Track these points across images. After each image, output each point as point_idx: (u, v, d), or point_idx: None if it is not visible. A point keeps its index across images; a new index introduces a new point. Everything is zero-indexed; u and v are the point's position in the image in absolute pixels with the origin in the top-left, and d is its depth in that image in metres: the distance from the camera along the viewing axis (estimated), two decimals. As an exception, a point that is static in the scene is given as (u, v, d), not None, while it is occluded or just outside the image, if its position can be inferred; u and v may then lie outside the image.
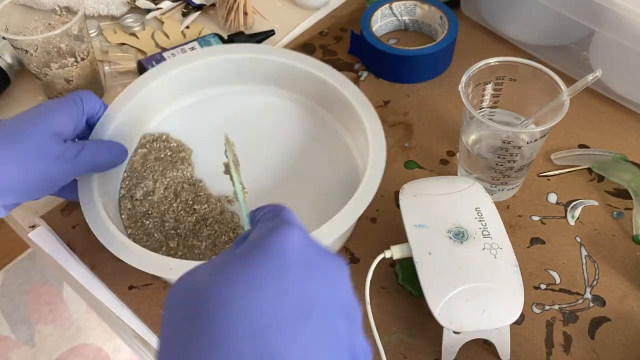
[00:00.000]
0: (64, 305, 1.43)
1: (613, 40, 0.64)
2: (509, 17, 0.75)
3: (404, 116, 0.69)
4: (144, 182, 0.59)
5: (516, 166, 0.57)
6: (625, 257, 0.57)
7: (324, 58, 0.76)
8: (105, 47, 0.77)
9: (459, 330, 0.46)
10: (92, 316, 1.40)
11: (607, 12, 0.61)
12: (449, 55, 0.74)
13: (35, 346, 1.38)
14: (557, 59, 0.72)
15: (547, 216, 0.60)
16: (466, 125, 0.57)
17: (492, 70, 0.57)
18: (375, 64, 0.73)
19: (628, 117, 0.68)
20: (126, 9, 0.81)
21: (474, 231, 0.50)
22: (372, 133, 0.57)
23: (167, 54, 0.72)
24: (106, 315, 0.58)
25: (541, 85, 0.56)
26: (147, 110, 0.63)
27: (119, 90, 0.73)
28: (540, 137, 0.54)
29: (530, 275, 0.56)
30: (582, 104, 0.69)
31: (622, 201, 0.61)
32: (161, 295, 0.56)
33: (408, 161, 0.65)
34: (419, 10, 0.77)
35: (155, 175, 0.60)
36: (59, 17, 0.67)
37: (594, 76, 0.52)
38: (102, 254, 0.58)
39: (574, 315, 0.53)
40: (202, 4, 0.81)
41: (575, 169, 0.64)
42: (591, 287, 0.55)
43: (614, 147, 0.65)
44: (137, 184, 0.59)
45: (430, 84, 0.73)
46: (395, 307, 0.54)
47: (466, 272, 0.47)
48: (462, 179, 0.55)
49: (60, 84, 0.67)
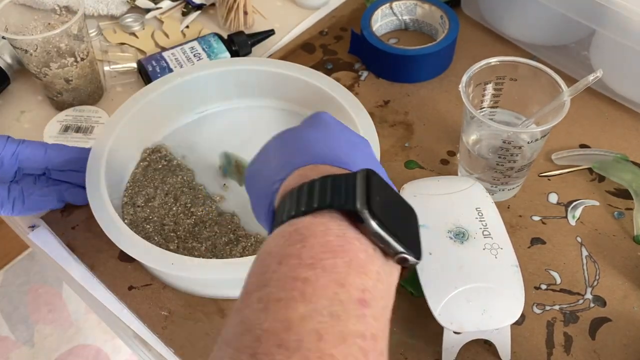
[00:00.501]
0: (63, 305, 1.43)
1: (614, 40, 0.64)
2: (510, 17, 0.75)
3: (404, 116, 0.69)
4: (145, 189, 0.61)
5: (517, 166, 0.56)
6: (626, 258, 0.57)
7: (324, 58, 0.76)
8: (105, 47, 0.77)
9: (460, 330, 0.46)
10: (91, 316, 1.40)
11: (608, 12, 0.61)
12: (449, 54, 0.74)
13: (35, 346, 1.38)
14: (557, 59, 0.72)
15: (547, 216, 0.60)
16: (467, 125, 0.57)
17: (492, 69, 0.57)
18: (375, 63, 0.73)
19: (629, 116, 0.68)
20: (126, 9, 0.81)
21: (474, 231, 0.50)
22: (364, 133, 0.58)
23: (166, 54, 0.72)
24: (106, 316, 0.58)
25: (542, 85, 0.56)
26: (147, 125, 0.64)
27: (118, 90, 0.73)
28: (541, 137, 0.54)
29: (530, 275, 0.56)
30: (583, 104, 0.69)
31: (623, 201, 0.61)
32: (161, 295, 0.56)
33: (408, 161, 0.65)
34: (419, 9, 0.77)
35: (155, 183, 0.62)
36: (59, 17, 0.67)
37: (594, 76, 0.52)
38: (102, 254, 0.58)
39: (575, 316, 0.53)
40: (202, 4, 0.81)
41: (576, 169, 0.64)
42: (592, 287, 0.55)
43: (614, 147, 0.65)
44: (139, 192, 0.61)
45: (431, 83, 0.73)
46: (395, 307, 0.54)
47: (466, 273, 0.47)
48: (462, 179, 0.55)
49: (59, 84, 0.67)
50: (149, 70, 0.70)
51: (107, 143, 0.58)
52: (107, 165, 0.56)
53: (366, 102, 0.63)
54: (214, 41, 0.73)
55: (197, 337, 0.53)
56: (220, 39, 0.74)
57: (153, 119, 0.65)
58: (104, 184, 0.54)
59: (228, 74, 0.66)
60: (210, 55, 0.72)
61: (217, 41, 0.73)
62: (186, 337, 0.53)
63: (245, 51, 0.75)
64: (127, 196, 0.61)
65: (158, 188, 0.61)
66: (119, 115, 0.61)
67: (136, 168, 0.63)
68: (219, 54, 0.72)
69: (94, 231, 0.60)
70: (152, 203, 0.60)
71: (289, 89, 0.66)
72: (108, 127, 0.59)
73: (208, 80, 0.65)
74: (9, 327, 1.40)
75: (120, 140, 0.59)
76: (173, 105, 0.66)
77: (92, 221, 0.60)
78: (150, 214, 0.59)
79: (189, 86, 0.65)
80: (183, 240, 0.57)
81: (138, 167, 0.63)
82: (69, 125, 0.67)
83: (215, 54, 0.72)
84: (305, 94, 0.65)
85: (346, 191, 0.31)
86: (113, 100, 0.72)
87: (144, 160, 0.64)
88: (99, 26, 0.79)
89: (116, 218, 0.52)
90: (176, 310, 0.55)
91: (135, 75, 0.74)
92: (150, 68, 0.70)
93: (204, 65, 0.65)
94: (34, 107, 0.71)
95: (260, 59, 0.72)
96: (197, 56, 0.72)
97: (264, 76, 0.66)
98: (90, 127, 0.67)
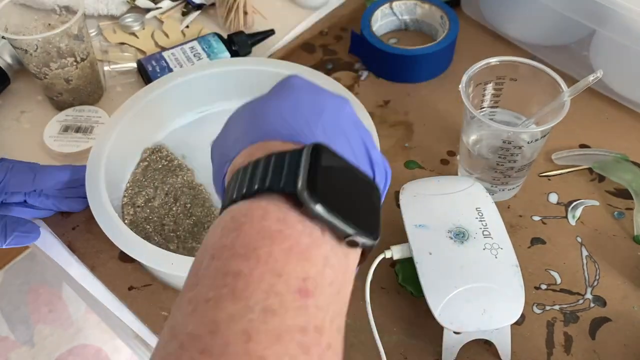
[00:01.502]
0: (63, 305, 1.43)
1: (614, 40, 0.64)
2: (510, 17, 0.75)
3: (404, 116, 0.69)
4: (145, 190, 0.61)
5: (517, 166, 0.56)
6: (626, 257, 0.57)
7: (324, 58, 0.76)
8: (105, 47, 0.77)
9: (460, 330, 0.46)
10: (91, 316, 1.40)
11: (608, 12, 0.61)
12: (449, 54, 0.74)
13: (35, 346, 1.38)
14: (557, 59, 0.72)
15: (547, 216, 0.60)
16: (467, 125, 0.57)
17: (492, 69, 0.57)
18: (375, 63, 0.73)
19: (629, 116, 0.68)
20: (126, 9, 0.81)
21: (474, 231, 0.50)
22: None
23: (166, 54, 0.72)
24: (106, 316, 0.58)
25: (542, 85, 0.56)
26: (147, 125, 0.64)
27: (118, 90, 0.73)
28: (541, 137, 0.54)
29: (530, 275, 0.56)
30: (583, 104, 0.69)
31: (623, 201, 0.61)
32: (161, 295, 0.56)
33: (408, 161, 0.65)
34: (419, 9, 0.77)
35: (155, 183, 0.62)
36: (59, 17, 0.67)
37: (595, 76, 0.52)
38: (102, 255, 0.58)
39: (575, 316, 0.53)
40: (202, 4, 0.81)
41: (576, 168, 0.64)
42: (592, 287, 0.55)
43: (614, 147, 0.65)
44: (139, 192, 0.61)
45: (431, 83, 0.73)
46: (395, 307, 0.54)
47: (467, 272, 0.47)
48: (462, 179, 0.55)
49: (60, 84, 0.67)
50: (148, 70, 0.70)
51: (107, 144, 0.58)
52: (106, 166, 0.56)
53: (366, 102, 0.63)
54: (214, 41, 0.73)
55: (197, 337, 0.53)
56: (220, 38, 0.74)
57: (153, 119, 0.65)
58: (104, 186, 0.54)
59: (228, 74, 0.66)
60: (210, 55, 0.72)
61: (217, 41, 0.73)
62: (186, 337, 0.53)
63: (245, 51, 0.75)
64: (127, 196, 0.60)
65: (158, 188, 0.61)
66: (118, 115, 0.61)
67: (136, 168, 0.63)
68: (219, 54, 0.72)
69: (94, 232, 0.60)
70: (152, 203, 0.60)
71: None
72: (108, 128, 0.59)
73: (208, 80, 0.65)
74: (9, 327, 1.40)
75: (120, 140, 0.59)
76: (173, 105, 0.66)
77: (92, 222, 0.60)
78: (150, 214, 0.59)
79: (188, 86, 0.65)
80: (183, 240, 0.57)
81: (138, 167, 0.63)
82: (69, 126, 0.67)
83: (215, 53, 0.72)
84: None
85: (288, 171, 0.29)
86: (113, 100, 0.72)
87: (144, 161, 0.64)
88: (99, 26, 0.79)
89: (116, 219, 0.52)
90: (176, 311, 0.55)
91: (135, 75, 0.74)
92: (150, 68, 0.70)
93: (204, 65, 0.66)
94: (34, 107, 0.71)
95: (260, 59, 0.71)
96: (197, 56, 0.72)
97: (264, 76, 0.66)
98: (90, 127, 0.67)
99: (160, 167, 0.63)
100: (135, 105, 0.61)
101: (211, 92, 0.67)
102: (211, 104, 0.68)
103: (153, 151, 0.64)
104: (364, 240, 0.29)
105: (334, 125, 0.33)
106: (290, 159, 0.29)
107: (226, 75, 0.66)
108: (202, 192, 0.61)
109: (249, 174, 0.30)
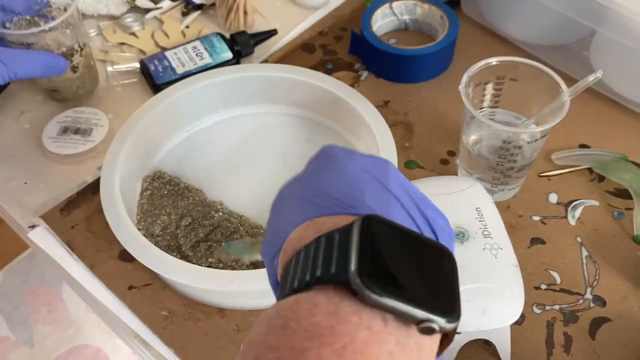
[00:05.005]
0: (63, 305, 1.43)
1: (614, 40, 0.64)
2: (510, 17, 0.75)
3: (404, 116, 0.69)
4: (159, 218, 0.59)
5: (517, 166, 0.56)
6: (625, 257, 0.57)
7: (324, 58, 0.76)
8: (106, 47, 0.77)
9: (460, 330, 0.46)
10: (91, 316, 1.40)
11: (608, 12, 0.61)
12: (449, 54, 0.74)
13: (34, 346, 1.37)
14: (557, 59, 0.72)
15: (547, 216, 0.60)
16: (467, 125, 0.57)
17: (492, 70, 0.57)
18: (375, 63, 0.73)
19: (629, 116, 0.68)
20: (126, 9, 0.81)
21: (474, 231, 0.50)
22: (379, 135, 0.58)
23: (169, 53, 0.72)
24: (106, 316, 0.58)
25: (542, 85, 0.56)
26: (142, 150, 0.63)
27: (119, 91, 0.73)
28: (541, 137, 0.54)
29: (530, 275, 0.56)
30: (582, 104, 0.69)
31: (623, 201, 0.61)
32: (161, 295, 0.56)
33: (408, 161, 0.65)
34: (419, 9, 0.77)
35: (167, 209, 0.60)
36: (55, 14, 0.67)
37: (594, 77, 0.52)
38: (102, 254, 0.58)
39: (575, 316, 0.53)
40: (202, 4, 0.81)
41: (576, 169, 0.64)
42: (592, 287, 0.55)
43: (614, 147, 0.65)
44: (154, 222, 0.59)
45: (431, 83, 0.73)
46: (395, 307, 0.54)
47: (466, 272, 0.47)
48: (462, 179, 0.55)
49: (57, 80, 0.67)
50: (151, 70, 0.70)
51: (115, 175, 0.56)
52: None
53: (366, 102, 0.63)
54: (216, 41, 0.73)
55: (197, 337, 0.53)
56: (222, 38, 0.74)
57: (147, 145, 0.63)
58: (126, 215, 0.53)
59: (212, 86, 0.64)
60: (213, 54, 0.72)
61: (220, 41, 0.74)
62: (186, 337, 0.53)
63: (248, 51, 0.75)
64: (143, 228, 0.58)
65: (171, 214, 0.59)
66: (115, 148, 0.58)
67: (141, 198, 0.61)
68: (221, 54, 0.72)
69: (94, 230, 0.60)
70: (170, 229, 0.58)
71: (292, 92, 0.66)
72: (108, 161, 0.57)
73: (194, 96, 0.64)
74: (9, 327, 1.40)
75: (123, 170, 0.58)
76: (163, 128, 0.64)
77: (91, 220, 0.60)
78: (171, 241, 0.57)
79: (175, 106, 0.63)
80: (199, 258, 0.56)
81: (142, 197, 0.61)
82: (68, 127, 0.67)
83: (218, 53, 0.72)
84: (309, 96, 0.65)
85: (338, 254, 0.25)
86: (114, 101, 0.72)
87: (147, 190, 0.61)
88: (99, 26, 0.79)
89: (152, 247, 0.51)
90: (176, 310, 0.55)
91: (138, 75, 0.74)
92: (153, 67, 0.70)
93: (184, 83, 0.64)
94: (34, 107, 0.71)
95: (255, 65, 0.71)
96: (199, 55, 0.72)
97: (250, 83, 0.65)
98: (89, 128, 0.67)
99: (166, 193, 0.61)
100: (130, 135, 0.59)
101: (197, 108, 0.66)
102: (197, 120, 0.67)
103: (154, 178, 0.62)
104: (441, 324, 0.24)
105: (382, 190, 0.30)
106: (340, 239, 0.26)
107: (209, 88, 0.65)
108: (221, 206, 0.60)
109: (301, 263, 0.27)
